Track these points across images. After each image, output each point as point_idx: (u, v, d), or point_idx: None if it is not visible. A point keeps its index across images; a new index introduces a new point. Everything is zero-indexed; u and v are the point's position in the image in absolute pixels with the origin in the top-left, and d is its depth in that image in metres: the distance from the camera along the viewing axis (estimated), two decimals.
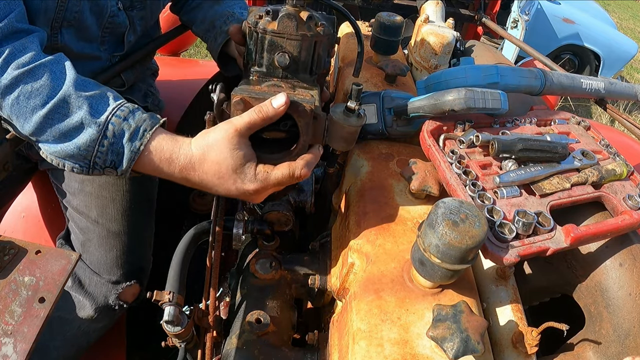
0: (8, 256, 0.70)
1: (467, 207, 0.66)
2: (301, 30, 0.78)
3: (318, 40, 0.81)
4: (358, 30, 0.90)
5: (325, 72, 0.92)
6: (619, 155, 0.93)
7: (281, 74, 0.82)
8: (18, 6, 0.83)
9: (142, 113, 0.80)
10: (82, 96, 0.77)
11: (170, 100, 1.63)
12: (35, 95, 0.76)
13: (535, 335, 0.73)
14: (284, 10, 0.77)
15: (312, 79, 0.85)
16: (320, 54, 0.83)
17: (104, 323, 1.25)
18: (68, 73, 0.80)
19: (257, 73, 0.83)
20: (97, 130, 0.76)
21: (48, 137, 0.78)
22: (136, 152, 0.77)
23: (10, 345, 0.63)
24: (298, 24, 0.77)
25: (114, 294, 1.20)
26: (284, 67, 0.80)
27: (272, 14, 0.78)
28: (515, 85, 0.96)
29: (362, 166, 0.97)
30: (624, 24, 9.35)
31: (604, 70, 5.53)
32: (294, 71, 0.82)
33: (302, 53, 0.80)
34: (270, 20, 0.78)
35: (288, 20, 0.77)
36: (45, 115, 0.76)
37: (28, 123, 0.78)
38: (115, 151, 0.77)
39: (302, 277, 1.01)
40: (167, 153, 0.78)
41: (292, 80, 0.83)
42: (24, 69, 0.76)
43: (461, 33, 2.47)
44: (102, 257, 1.21)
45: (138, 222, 1.26)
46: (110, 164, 0.78)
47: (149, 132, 0.77)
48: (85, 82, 0.81)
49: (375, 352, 0.65)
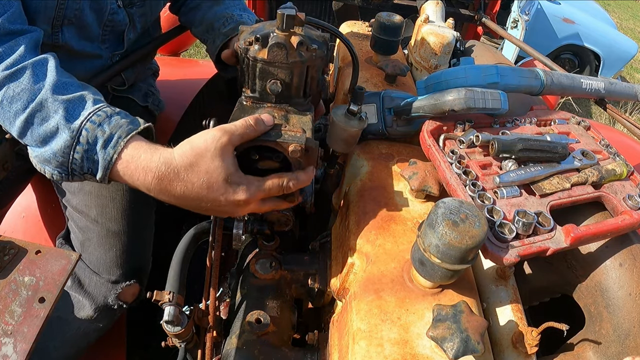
0: (8, 256, 0.70)
1: (467, 207, 0.66)
2: (292, 58, 0.77)
3: (310, 65, 0.81)
4: (353, 52, 0.88)
5: (320, 90, 0.92)
6: (619, 155, 0.93)
7: (274, 100, 0.83)
8: (11, 7, 0.82)
9: (120, 118, 0.76)
10: (59, 100, 0.75)
11: (170, 100, 1.64)
12: (17, 99, 0.75)
13: (535, 335, 0.73)
14: (274, 38, 0.76)
15: (305, 101, 0.86)
16: (313, 76, 0.84)
17: (104, 323, 1.25)
18: (49, 75, 0.78)
19: (250, 99, 0.84)
20: (71, 136, 0.73)
21: (31, 141, 0.77)
22: (110, 161, 0.73)
23: (10, 345, 0.63)
24: (288, 51, 0.76)
25: (114, 294, 1.20)
26: (276, 94, 0.80)
27: (261, 41, 0.77)
28: (515, 85, 0.96)
29: (362, 166, 0.97)
30: (624, 24, 9.35)
31: (604, 70, 5.53)
32: (286, 97, 0.83)
33: (294, 79, 0.80)
34: (260, 48, 0.77)
35: (278, 49, 0.76)
36: (26, 120, 0.75)
37: (13, 127, 0.77)
38: (90, 158, 0.74)
39: (302, 277, 1.00)
40: (144, 162, 0.72)
41: (285, 105, 0.83)
42: (8, 72, 0.76)
43: (461, 33, 2.47)
44: (101, 256, 1.20)
45: (138, 222, 1.26)
46: (87, 171, 0.75)
47: (123, 140, 0.73)
48: (66, 84, 0.78)
49: (375, 352, 0.65)
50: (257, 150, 0.79)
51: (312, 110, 0.87)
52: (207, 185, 0.72)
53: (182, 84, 1.85)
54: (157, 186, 0.73)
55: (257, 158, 0.81)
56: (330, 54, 0.89)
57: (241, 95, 0.87)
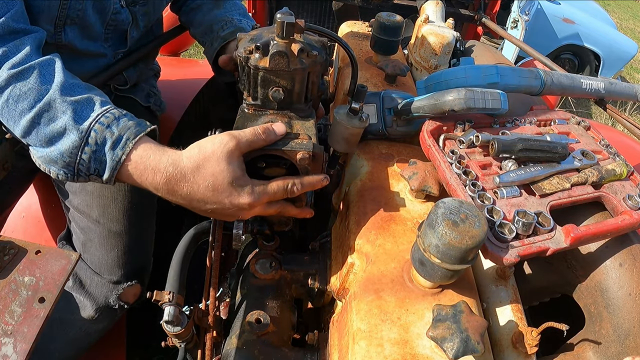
0: (8, 256, 0.70)
1: (467, 207, 0.66)
2: (293, 65, 0.77)
3: (311, 71, 0.81)
4: (352, 56, 0.89)
5: (320, 94, 0.93)
6: (619, 155, 0.93)
7: (276, 107, 0.83)
8: (15, 5, 0.83)
9: (128, 120, 0.77)
10: (67, 101, 0.76)
11: (171, 100, 1.63)
12: (24, 98, 0.76)
13: (535, 335, 0.73)
14: (274, 47, 0.76)
15: (307, 106, 0.86)
16: (314, 82, 0.84)
17: (105, 324, 1.25)
18: (57, 75, 0.78)
19: (252, 106, 0.85)
20: (80, 137, 0.74)
21: (35, 141, 0.77)
22: (118, 162, 0.74)
23: (10, 345, 0.63)
24: (290, 59, 0.77)
25: (115, 294, 1.20)
26: (278, 101, 0.81)
27: (262, 50, 0.77)
28: (515, 85, 0.96)
29: (362, 166, 0.97)
30: (624, 24, 9.35)
31: (604, 70, 5.52)
32: (288, 103, 0.84)
33: (296, 85, 0.81)
34: (261, 57, 0.78)
35: (279, 58, 0.76)
36: (32, 120, 0.75)
37: (17, 127, 0.77)
38: (98, 159, 0.75)
39: (302, 277, 1.01)
40: (153, 162, 0.74)
41: (287, 112, 0.84)
42: (15, 70, 0.76)
43: (461, 33, 2.47)
44: (103, 257, 1.20)
45: (139, 222, 1.26)
46: (94, 172, 0.77)
47: (132, 141, 0.75)
48: (73, 85, 0.79)
49: (375, 352, 0.65)
50: (264, 158, 0.80)
51: (313, 115, 0.88)
52: (213, 187, 0.73)
53: (182, 84, 1.85)
54: (164, 186, 0.74)
55: (264, 166, 0.81)
56: (329, 59, 0.89)
57: (242, 102, 0.87)
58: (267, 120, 0.82)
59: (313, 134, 0.81)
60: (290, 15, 0.75)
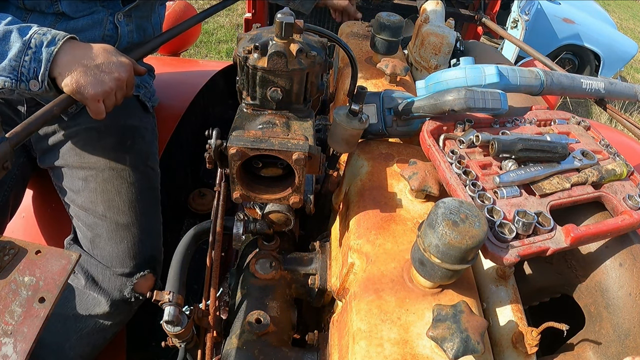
0: (8, 256, 0.70)
1: (467, 207, 0.66)
2: (292, 65, 0.78)
3: (310, 71, 0.81)
4: (352, 57, 0.88)
5: (320, 94, 0.93)
6: (619, 155, 0.93)
7: (275, 107, 0.84)
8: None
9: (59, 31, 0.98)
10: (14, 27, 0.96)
11: (170, 100, 1.64)
12: None
13: (535, 335, 0.73)
14: (273, 47, 0.76)
15: (306, 107, 0.86)
16: (313, 82, 0.84)
17: (120, 318, 1.24)
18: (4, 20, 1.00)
19: (250, 106, 0.85)
20: (23, 43, 0.94)
21: None
22: (51, 54, 0.95)
23: (10, 345, 0.63)
24: (288, 59, 0.77)
25: (129, 286, 1.20)
26: (277, 102, 0.82)
27: (260, 49, 0.77)
28: (515, 85, 0.96)
29: (362, 166, 0.97)
30: (624, 24, 9.35)
31: (604, 70, 5.52)
32: (287, 103, 0.84)
33: (295, 86, 0.81)
34: (260, 57, 0.78)
35: (278, 58, 0.76)
36: None
37: None
38: (36, 59, 0.94)
39: (302, 277, 1.01)
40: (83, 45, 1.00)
41: (286, 112, 0.85)
42: None
43: (461, 33, 2.47)
44: (113, 250, 1.21)
45: (145, 212, 1.27)
46: (33, 73, 0.94)
47: (62, 39, 0.96)
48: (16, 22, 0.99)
49: (375, 352, 0.65)
50: (261, 158, 0.79)
51: (312, 115, 0.87)
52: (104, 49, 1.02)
53: (182, 83, 1.85)
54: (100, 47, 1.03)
55: (260, 166, 0.81)
56: (329, 59, 0.89)
57: (241, 102, 0.87)
58: (265, 120, 0.82)
59: (311, 135, 0.81)
60: (290, 16, 0.75)
